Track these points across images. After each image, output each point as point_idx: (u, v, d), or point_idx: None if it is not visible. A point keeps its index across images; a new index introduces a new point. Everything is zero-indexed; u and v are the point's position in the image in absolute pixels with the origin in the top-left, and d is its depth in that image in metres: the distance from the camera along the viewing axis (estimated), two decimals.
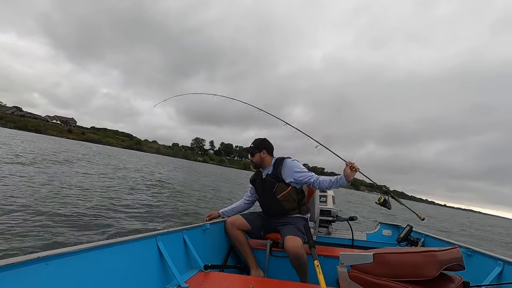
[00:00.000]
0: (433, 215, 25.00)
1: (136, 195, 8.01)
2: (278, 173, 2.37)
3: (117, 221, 4.87)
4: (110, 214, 5.30)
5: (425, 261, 1.23)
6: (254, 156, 2.45)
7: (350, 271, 1.37)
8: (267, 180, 2.39)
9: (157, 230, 1.73)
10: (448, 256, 1.24)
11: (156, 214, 5.95)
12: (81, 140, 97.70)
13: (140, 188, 9.53)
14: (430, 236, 2.50)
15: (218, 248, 2.38)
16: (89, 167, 13.55)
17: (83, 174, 10.36)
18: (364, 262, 1.33)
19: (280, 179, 2.35)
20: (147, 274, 1.55)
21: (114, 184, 9.22)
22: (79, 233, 3.99)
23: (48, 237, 3.62)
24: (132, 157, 37.53)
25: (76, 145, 44.96)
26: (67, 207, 5.21)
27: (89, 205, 5.61)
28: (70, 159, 15.92)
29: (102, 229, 4.33)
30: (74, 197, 6.16)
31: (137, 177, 12.67)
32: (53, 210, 4.81)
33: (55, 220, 4.35)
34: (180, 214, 6.39)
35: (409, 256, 1.29)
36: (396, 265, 1.28)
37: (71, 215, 4.72)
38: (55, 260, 1.10)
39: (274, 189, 2.34)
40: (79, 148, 34.41)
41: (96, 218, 4.82)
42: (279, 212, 2.37)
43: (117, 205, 6.13)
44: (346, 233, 3.09)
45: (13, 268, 0.97)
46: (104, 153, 32.18)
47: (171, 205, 7.18)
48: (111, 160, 22.05)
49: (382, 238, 3.06)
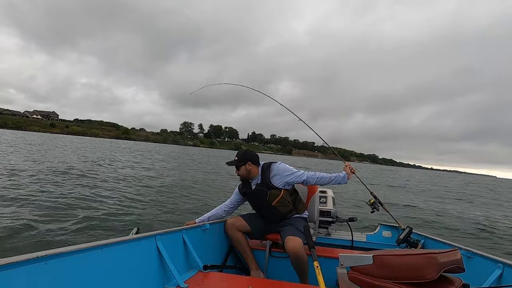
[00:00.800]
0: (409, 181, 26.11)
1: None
2: (267, 180, 2.35)
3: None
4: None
5: (425, 263, 1.23)
6: (240, 169, 2.40)
7: (350, 273, 1.37)
8: (258, 190, 2.36)
9: (156, 230, 1.74)
10: (448, 258, 1.25)
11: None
12: (65, 133, 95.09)
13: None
14: (430, 238, 2.52)
15: (217, 248, 2.37)
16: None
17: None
18: (364, 263, 1.33)
19: (271, 186, 2.33)
20: (146, 274, 1.56)
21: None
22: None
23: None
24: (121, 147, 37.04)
25: (65, 140, 43.95)
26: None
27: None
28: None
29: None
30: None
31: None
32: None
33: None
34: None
35: (409, 258, 1.29)
36: (396, 266, 1.28)
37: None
38: (54, 260, 1.10)
39: (267, 197, 2.32)
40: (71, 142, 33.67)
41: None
42: (277, 218, 2.36)
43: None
44: (346, 234, 3.09)
45: (12, 267, 0.97)
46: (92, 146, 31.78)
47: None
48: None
49: (382, 239, 3.07)
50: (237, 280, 1.82)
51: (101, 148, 30.58)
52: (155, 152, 34.99)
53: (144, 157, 23.95)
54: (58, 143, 31.50)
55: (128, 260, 1.46)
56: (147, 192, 7.67)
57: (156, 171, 13.59)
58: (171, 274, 1.65)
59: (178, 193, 8.02)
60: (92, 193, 6.70)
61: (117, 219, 4.78)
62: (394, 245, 2.72)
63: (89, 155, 18.93)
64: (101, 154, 21.39)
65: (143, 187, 8.52)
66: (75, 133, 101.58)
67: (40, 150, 18.69)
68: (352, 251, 2.61)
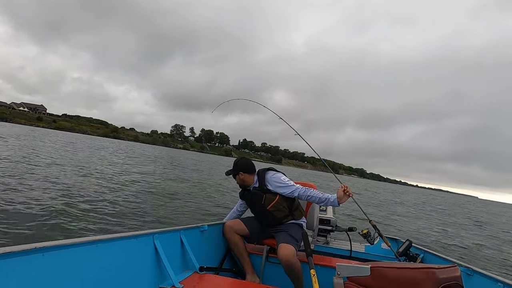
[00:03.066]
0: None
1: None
2: (263, 185, 2.37)
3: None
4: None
5: (423, 278, 1.21)
6: (236, 178, 2.47)
7: (346, 283, 1.35)
8: (254, 194, 2.38)
9: (155, 228, 1.73)
10: (447, 274, 1.23)
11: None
12: (52, 128, 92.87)
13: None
14: (430, 253, 2.51)
15: (214, 250, 2.36)
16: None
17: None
18: (361, 274, 1.31)
19: (265, 190, 2.34)
20: (142, 271, 1.55)
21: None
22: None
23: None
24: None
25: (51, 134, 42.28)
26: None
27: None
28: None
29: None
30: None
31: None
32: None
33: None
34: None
35: (407, 271, 1.27)
36: (394, 279, 1.26)
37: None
38: (51, 252, 1.11)
39: (263, 201, 2.32)
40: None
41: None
42: (272, 222, 2.36)
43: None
44: (345, 243, 3.07)
45: (9, 257, 0.98)
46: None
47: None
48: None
49: (380, 251, 3.05)
50: (232, 284, 1.81)
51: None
52: (133, 152, 32.89)
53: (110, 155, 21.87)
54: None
55: (125, 256, 1.45)
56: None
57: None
58: (167, 274, 1.65)
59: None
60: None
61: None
62: (393, 257, 2.71)
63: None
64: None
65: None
66: (62, 128, 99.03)
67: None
68: (350, 261, 2.58)
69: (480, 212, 26.12)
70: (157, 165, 19.27)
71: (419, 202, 24.99)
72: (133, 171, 12.98)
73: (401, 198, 26.37)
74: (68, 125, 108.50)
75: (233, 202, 8.49)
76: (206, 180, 14.15)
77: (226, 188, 11.87)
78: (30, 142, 21.18)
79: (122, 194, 7.44)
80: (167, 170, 16.49)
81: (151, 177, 11.93)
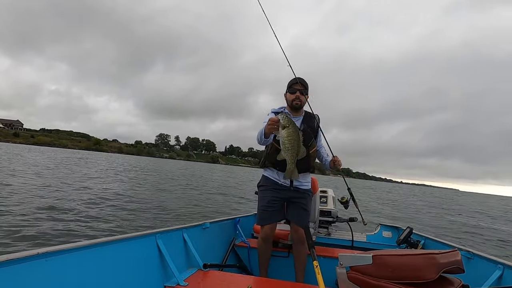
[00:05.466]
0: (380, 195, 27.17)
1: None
2: (313, 127, 2.22)
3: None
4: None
5: (425, 264, 1.23)
6: (305, 95, 2.21)
7: (349, 272, 1.36)
8: (306, 133, 2.13)
9: (157, 228, 1.73)
10: (448, 258, 1.25)
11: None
12: (30, 144, 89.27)
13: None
14: (430, 239, 2.56)
15: (217, 247, 2.37)
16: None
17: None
18: (363, 263, 1.33)
19: (315, 134, 2.23)
20: (146, 272, 1.55)
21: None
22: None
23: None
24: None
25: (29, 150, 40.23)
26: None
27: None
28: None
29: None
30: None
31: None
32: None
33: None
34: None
35: (409, 258, 1.29)
36: (396, 267, 1.27)
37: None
38: (54, 257, 1.10)
39: (310, 143, 2.15)
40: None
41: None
42: (304, 169, 2.17)
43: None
44: (346, 234, 3.09)
45: (13, 264, 0.97)
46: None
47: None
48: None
49: (382, 239, 3.09)
50: (237, 279, 1.80)
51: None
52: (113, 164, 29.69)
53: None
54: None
55: (128, 258, 1.45)
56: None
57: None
58: (171, 272, 1.65)
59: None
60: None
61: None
62: (394, 245, 2.75)
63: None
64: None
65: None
66: (41, 143, 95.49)
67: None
68: (352, 251, 2.61)
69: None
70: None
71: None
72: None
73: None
74: (48, 140, 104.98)
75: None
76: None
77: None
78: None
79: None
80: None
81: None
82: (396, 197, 24.36)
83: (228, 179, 22.81)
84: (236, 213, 2.60)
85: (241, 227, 2.68)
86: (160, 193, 9.67)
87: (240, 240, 2.60)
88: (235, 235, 2.65)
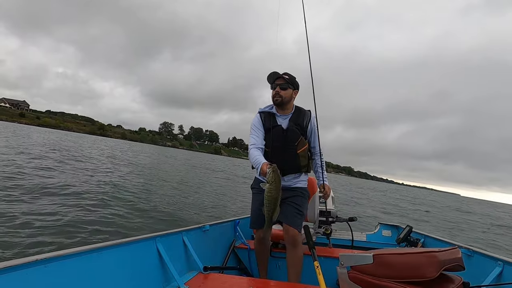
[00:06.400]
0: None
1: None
2: (302, 124, 2.04)
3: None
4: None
5: (425, 262, 1.24)
6: (287, 90, 2.01)
7: (350, 272, 1.38)
8: (291, 131, 2.00)
9: (156, 232, 1.71)
10: (448, 256, 1.26)
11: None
12: (35, 125, 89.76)
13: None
14: (430, 237, 2.56)
15: (217, 249, 2.36)
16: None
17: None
18: (364, 263, 1.34)
19: (304, 132, 2.04)
20: (146, 275, 1.54)
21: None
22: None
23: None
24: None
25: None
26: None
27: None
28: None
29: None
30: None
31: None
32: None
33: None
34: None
35: (409, 256, 1.30)
36: (396, 265, 1.29)
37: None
38: (53, 263, 1.09)
39: (297, 142, 1.99)
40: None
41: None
42: (293, 169, 2.04)
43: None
44: (346, 234, 3.11)
45: (12, 271, 0.96)
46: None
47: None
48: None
49: (382, 238, 3.11)
50: (237, 281, 1.80)
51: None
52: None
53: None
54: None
55: (128, 262, 1.44)
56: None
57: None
58: (171, 276, 1.64)
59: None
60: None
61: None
62: (394, 244, 2.76)
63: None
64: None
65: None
66: (46, 125, 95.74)
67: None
68: (352, 250, 2.62)
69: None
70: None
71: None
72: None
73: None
74: (53, 122, 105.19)
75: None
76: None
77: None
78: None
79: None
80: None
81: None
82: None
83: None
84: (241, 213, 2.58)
85: (241, 229, 2.66)
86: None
87: (240, 242, 2.59)
88: (235, 237, 2.64)
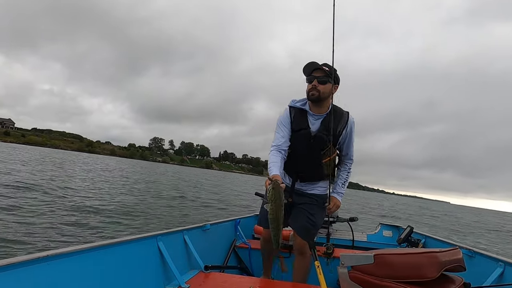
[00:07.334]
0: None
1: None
2: (336, 129, 1.75)
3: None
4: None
5: (426, 262, 1.24)
6: (326, 85, 1.70)
7: (351, 272, 1.37)
8: (319, 138, 1.74)
9: (157, 231, 1.72)
10: (449, 257, 1.27)
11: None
12: (21, 143, 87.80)
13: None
14: (431, 237, 2.57)
15: (218, 248, 2.37)
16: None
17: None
18: (365, 263, 1.34)
19: (335, 138, 1.77)
20: (147, 274, 1.55)
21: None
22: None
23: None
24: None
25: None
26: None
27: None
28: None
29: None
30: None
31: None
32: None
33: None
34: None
35: (410, 257, 1.30)
36: (397, 266, 1.28)
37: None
38: (56, 260, 1.09)
39: (324, 151, 1.76)
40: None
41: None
42: (313, 178, 1.85)
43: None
44: (347, 234, 3.10)
45: (14, 268, 0.96)
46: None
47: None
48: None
49: (382, 239, 3.12)
50: (238, 280, 1.79)
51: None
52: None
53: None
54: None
55: (129, 260, 1.44)
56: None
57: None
58: (172, 275, 1.64)
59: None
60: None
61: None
62: (395, 244, 2.76)
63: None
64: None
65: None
66: (32, 143, 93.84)
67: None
68: (353, 250, 2.62)
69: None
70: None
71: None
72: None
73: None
74: (39, 140, 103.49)
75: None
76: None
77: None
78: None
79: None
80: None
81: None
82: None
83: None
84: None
85: (241, 228, 2.67)
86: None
87: (240, 241, 2.60)
88: (235, 237, 2.64)
